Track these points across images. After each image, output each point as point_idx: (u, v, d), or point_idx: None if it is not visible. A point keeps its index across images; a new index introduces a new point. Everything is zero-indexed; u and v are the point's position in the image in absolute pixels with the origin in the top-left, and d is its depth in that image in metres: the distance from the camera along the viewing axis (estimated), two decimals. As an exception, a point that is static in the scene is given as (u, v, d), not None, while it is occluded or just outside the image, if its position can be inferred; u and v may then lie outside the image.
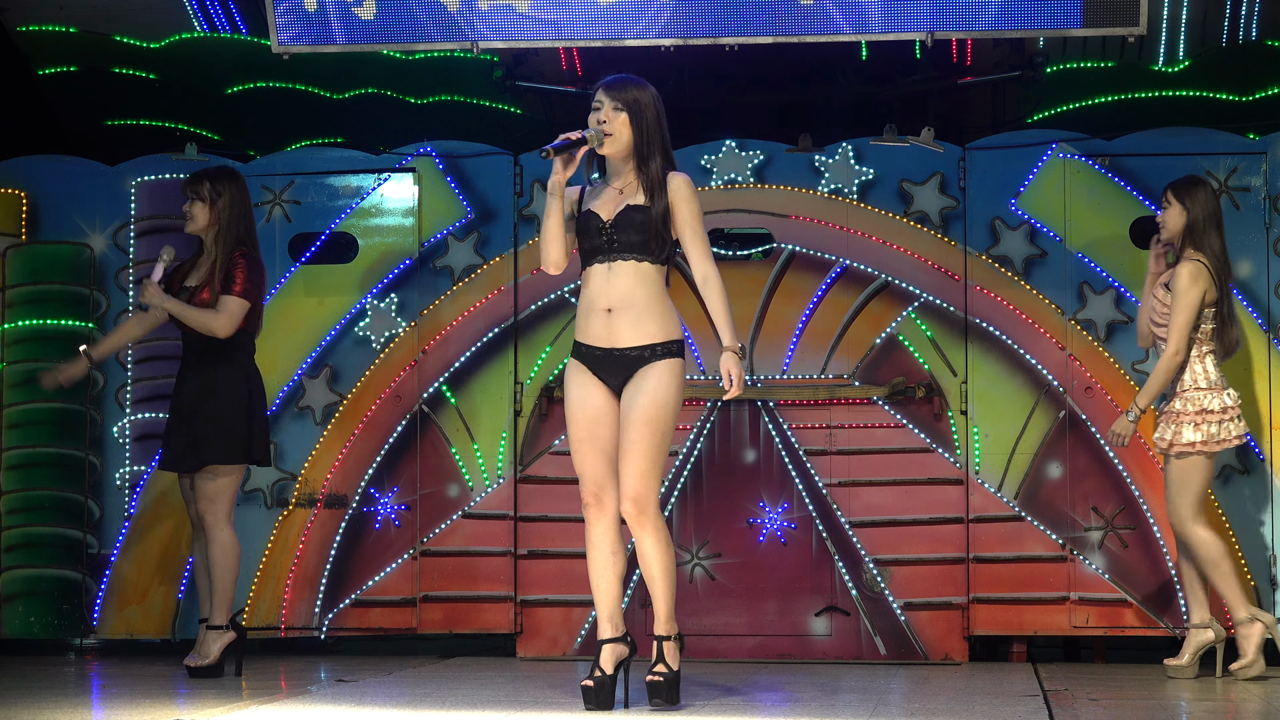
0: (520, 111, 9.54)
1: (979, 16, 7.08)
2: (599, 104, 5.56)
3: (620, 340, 5.52)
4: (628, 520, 5.53)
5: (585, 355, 5.58)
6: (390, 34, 7.38)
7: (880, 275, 7.65)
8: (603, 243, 5.53)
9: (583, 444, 5.57)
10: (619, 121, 5.53)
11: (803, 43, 7.25)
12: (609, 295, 5.53)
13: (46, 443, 7.91)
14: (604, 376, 5.56)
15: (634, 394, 5.50)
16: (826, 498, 7.61)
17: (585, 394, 5.56)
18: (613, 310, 5.52)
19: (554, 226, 5.57)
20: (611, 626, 5.56)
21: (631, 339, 5.51)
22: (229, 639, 6.77)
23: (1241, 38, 9.09)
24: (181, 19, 9.24)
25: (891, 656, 7.53)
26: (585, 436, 5.56)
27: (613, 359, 5.53)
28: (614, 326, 5.52)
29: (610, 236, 5.52)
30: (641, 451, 5.47)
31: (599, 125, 5.52)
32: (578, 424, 5.57)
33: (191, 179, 6.95)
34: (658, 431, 5.48)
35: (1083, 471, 7.43)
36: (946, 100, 8.96)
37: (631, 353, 5.52)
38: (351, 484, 7.80)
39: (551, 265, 5.62)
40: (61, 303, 7.95)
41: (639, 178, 5.57)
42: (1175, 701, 6.03)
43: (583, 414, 5.56)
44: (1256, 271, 7.49)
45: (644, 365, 5.52)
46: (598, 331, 5.54)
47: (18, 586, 7.90)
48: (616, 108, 5.53)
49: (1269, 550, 7.39)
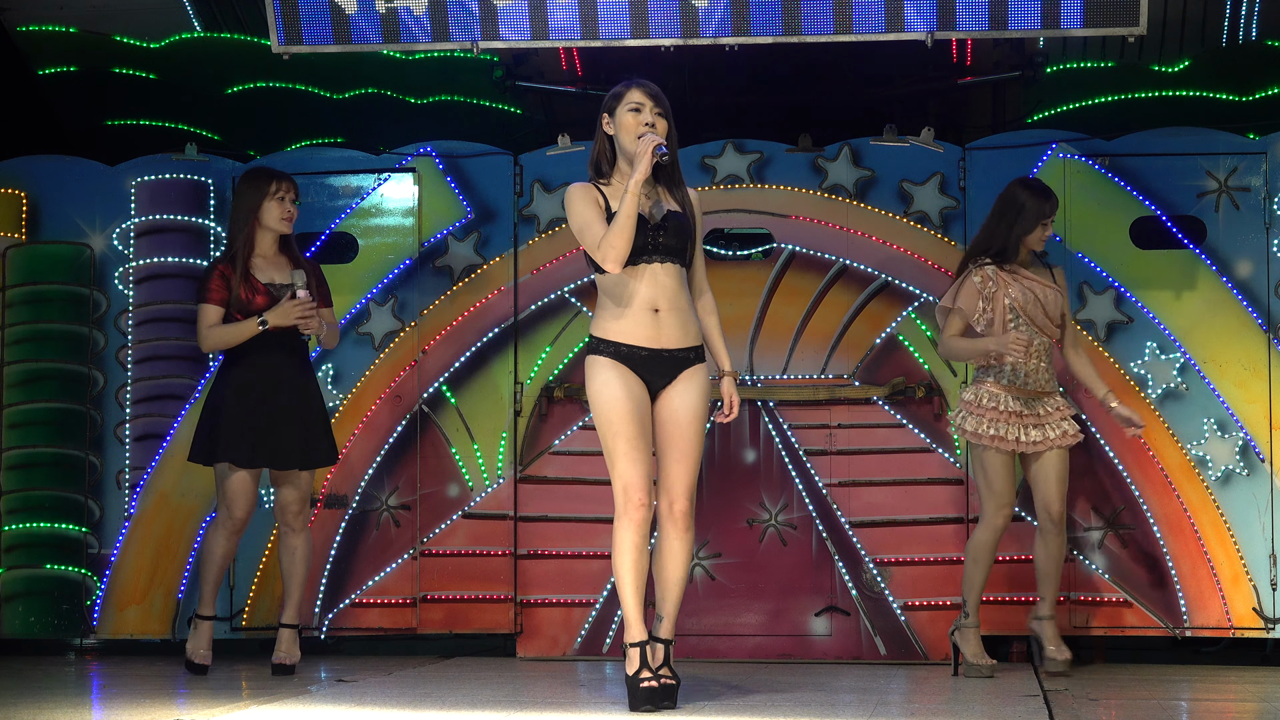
0: (520, 111, 9.54)
1: (979, 16, 7.08)
2: (639, 105, 5.53)
3: (669, 341, 5.51)
4: (675, 521, 5.51)
5: (629, 355, 5.51)
6: (390, 34, 7.38)
7: (880, 275, 7.65)
8: (647, 243, 5.49)
9: (632, 446, 5.46)
10: (661, 128, 5.54)
11: (803, 43, 7.25)
12: (656, 296, 5.51)
13: (46, 443, 7.90)
14: (647, 377, 5.52)
15: (684, 395, 5.51)
16: (826, 498, 7.61)
17: (631, 392, 5.48)
18: (661, 311, 5.50)
19: (633, 226, 5.43)
20: (643, 627, 5.53)
21: (680, 340, 5.53)
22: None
23: (1241, 38, 9.09)
24: (181, 19, 9.24)
25: (891, 656, 7.53)
26: (635, 437, 5.46)
27: (661, 360, 5.51)
28: (663, 327, 5.51)
29: (656, 237, 5.50)
30: (696, 452, 5.54)
31: (647, 128, 5.49)
32: (627, 425, 5.47)
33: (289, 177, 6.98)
34: (703, 434, 5.58)
35: (1083, 471, 7.42)
36: (946, 100, 8.96)
37: (680, 354, 5.54)
38: (351, 484, 7.80)
39: (616, 262, 5.46)
40: (61, 303, 7.94)
41: (666, 184, 5.60)
42: (1175, 701, 6.03)
43: (636, 412, 5.48)
44: (1256, 271, 7.48)
45: (689, 367, 5.54)
46: (645, 332, 5.50)
47: (18, 586, 7.90)
48: (659, 113, 5.55)
49: (1269, 550, 7.39)
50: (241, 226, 6.86)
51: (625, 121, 5.55)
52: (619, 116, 5.57)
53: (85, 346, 7.93)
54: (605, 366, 5.52)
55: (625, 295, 5.53)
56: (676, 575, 5.53)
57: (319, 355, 7.82)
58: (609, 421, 5.48)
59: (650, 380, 5.53)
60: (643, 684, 5.46)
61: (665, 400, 5.54)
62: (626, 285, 5.52)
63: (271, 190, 6.87)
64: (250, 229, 6.86)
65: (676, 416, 5.51)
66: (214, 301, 6.81)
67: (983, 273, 6.78)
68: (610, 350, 5.52)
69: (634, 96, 5.55)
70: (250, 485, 6.85)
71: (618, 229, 5.42)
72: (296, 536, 6.94)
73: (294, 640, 6.94)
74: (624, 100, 5.57)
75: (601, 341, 5.54)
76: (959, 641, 6.86)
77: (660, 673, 5.47)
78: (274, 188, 6.87)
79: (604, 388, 5.50)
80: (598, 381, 5.52)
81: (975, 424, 6.73)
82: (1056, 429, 6.75)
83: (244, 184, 6.93)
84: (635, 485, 5.46)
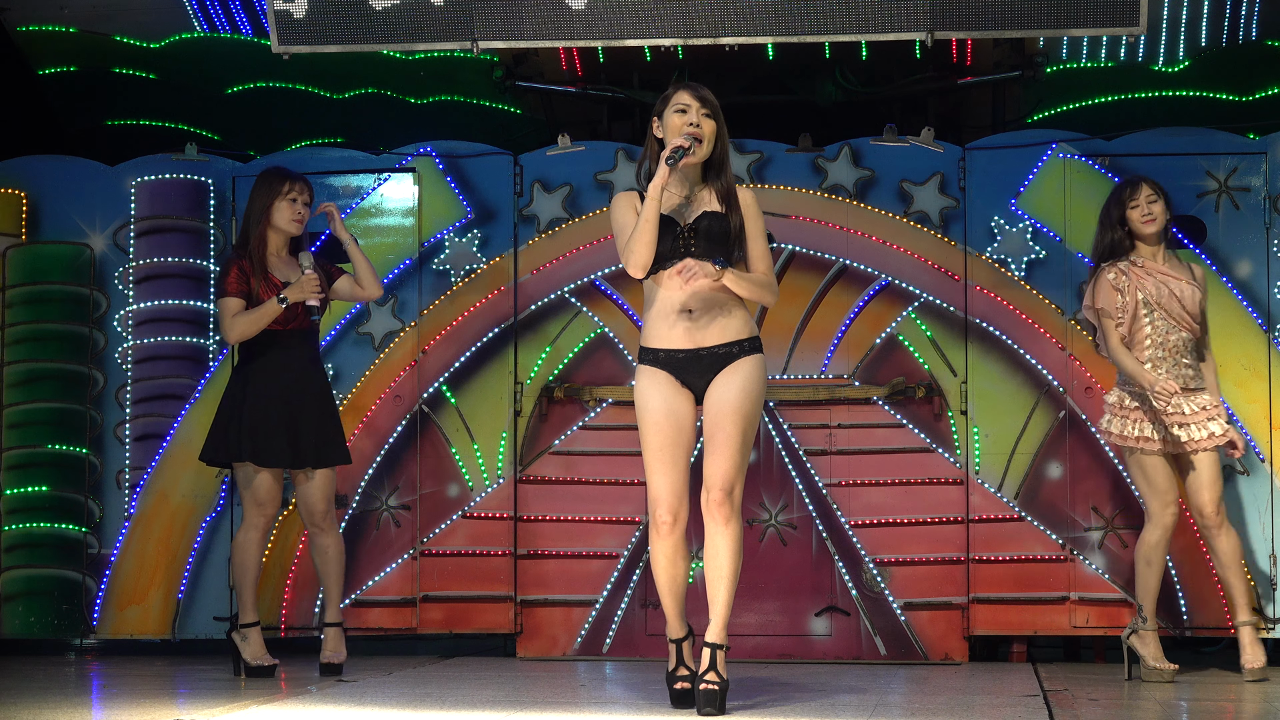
0: (520, 111, 9.54)
1: (979, 16, 7.08)
2: (685, 107, 5.44)
3: (708, 341, 5.44)
4: (712, 513, 5.38)
5: (667, 360, 5.46)
6: (390, 34, 7.38)
7: (880, 275, 7.65)
8: (679, 248, 5.43)
9: (664, 458, 5.42)
10: (708, 128, 5.46)
11: (803, 43, 7.25)
12: (688, 299, 5.43)
13: (46, 443, 7.91)
14: (688, 380, 5.46)
15: (724, 388, 5.41)
16: (826, 498, 7.61)
17: (670, 403, 5.44)
18: (695, 312, 5.43)
19: (653, 230, 5.38)
20: (682, 624, 5.50)
21: (718, 338, 5.45)
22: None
23: (1241, 38, 9.09)
24: (181, 19, 9.23)
25: (891, 656, 7.53)
26: (669, 450, 5.42)
27: (699, 359, 5.45)
28: (698, 328, 5.44)
29: (688, 241, 5.43)
30: (735, 444, 5.38)
31: (691, 128, 5.41)
32: (662, 434, 5.42)
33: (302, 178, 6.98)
34: (750, 425, 5.42)
35: (1083, 471, 7.43)
36: (946, 100, 8.96)
37: (720, 350, 5.45)
38: (351, 484, 7.80)
39: (641, 269, 5.42)
40: (61, 303, 7.94)
41: (712, 185, 5.52)
42: (1175, 701, 6.03)
43: (669, 424, 5.42)
44: (1256, 271, 7.49)
45: (732, 361, 5.45)
46: (681, 335, 5.45)
47: (18, 586, 7.90)
48: (706, 114, 5.46)
49: (1269, 550, 7.39)
50: (255, 225, 6.86)
51: (671, 123, 5.46)
52: (666, 118, 5.49)
53: (85, 346, 7.93)
54: (645, 375, 5.49)
55: (660, 300, 5.48)
56: (717, 572, 5.39)
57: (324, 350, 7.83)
58: (641, 431, 5.46)
59: (693, 382, 5.46)
60: (675, 685, 5.46)
61: (707, 396, 5.46)
62: (660, 290, 5.48)
63: (284, 190, 6.87)
64: (262, 228, 6.86)
65: (711, 410, 5.42)
66: (234, 294, 6.78)
67: (1115, 268, 6.81)
68: (650, 357, 5.49)
69: (681, 98, 5.47)
70: (276, 483, 6.86)
71: (635, 235, 5.39)
72: (326, 536, 6.93)
73: (340, 639, 6.92)
74: (671, 102, 5.48)
75: (644, 349, 5.52)
76: (1137, 645, 6.79)
77: (705, 677, 5.35)
78: (286, 188, 6.88)
79: (640, 397, 5.48)
80: (637, 390, 5.50)
81: (1120, 426, 6.77)
82: (1203, 430, 6.71)
83: (259, 182, 6.93)
84: (659, 500, 5.41)
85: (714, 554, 5.39)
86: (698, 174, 5.53)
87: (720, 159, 5.52)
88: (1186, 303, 6.78)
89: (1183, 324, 6.77)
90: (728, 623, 5.42)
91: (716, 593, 5.40)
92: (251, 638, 6.85)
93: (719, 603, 5.40)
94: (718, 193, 5.51)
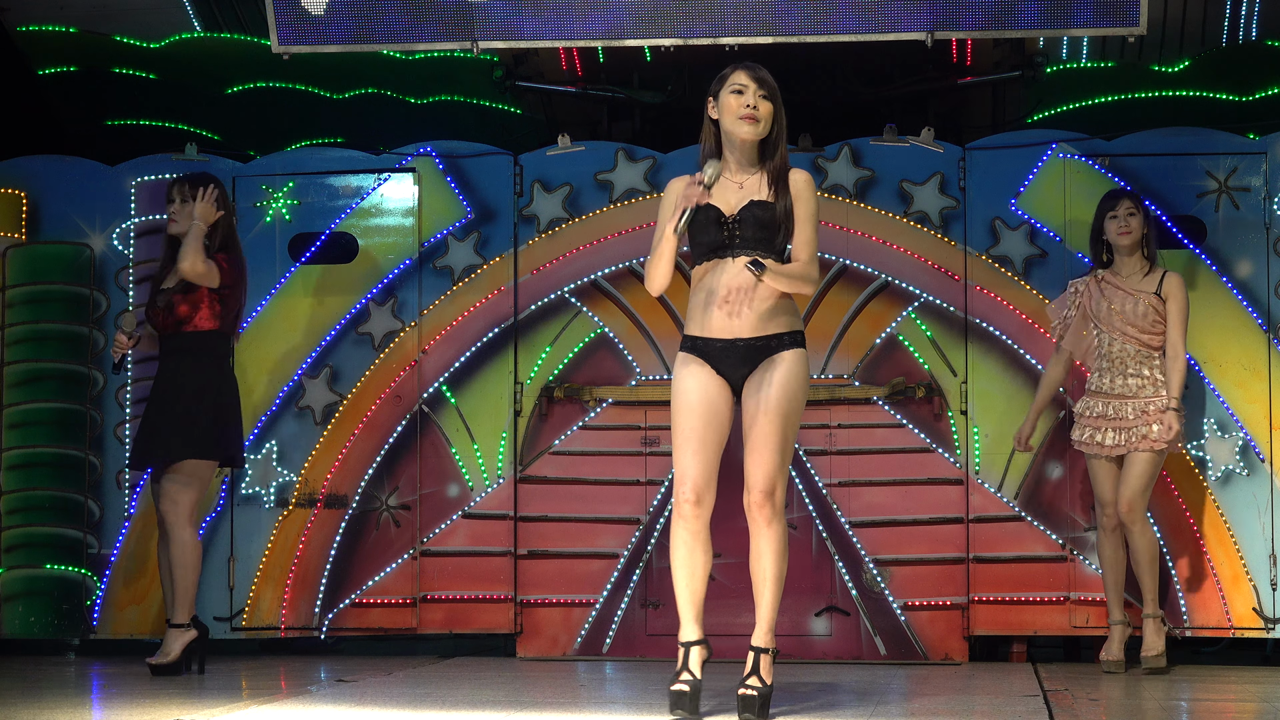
0: (520, 111, 9.54)
1: (979, 16, 7.08)
2: (742, 87, 5.30)
3: (745, 331, 5.28)
4: (754, 515, 5.29)
5: (705, 348, 5.32)
6: (390, 34, 7.38)
7: (880, 275, 7.65)
8: (724, 238, 5.31)
9: (693, 438, 5.27)
10: (764, 110, 5.32)
11: (803, 43, 7.25)
12: (730, 289, 5.29)
13: (46, 443, 7.91)
14: (725, 370, 5.32)
15: (763, 385, 5.27)
16: (826, 498, 7.61)
17: (705, 389, 5.30)
18: (734, 302, 5.28)
19: (670, 259, 5.31)
20: (698, 628, 5.35)
21: (757, 329, 5.28)
22: (190, 637, 6.87)
23: (1241, 38, 9.10)
24: (181, 19, 9.24)
25: (891, 656, 7.53)
26: (699, 430, 5.27)
27: (736, 350, 5.30)
28: (738, 318, 5.28)
29: (733, 232, 5.31)
30: (775, 444, 5.26)
31: (749, 109, 5.28)
32: (694, 416, 5.27)
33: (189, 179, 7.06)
34: (790, 424, 5.29)
35: (1083, 472, 7.42)
36: (946, 100, 8.96)
37: (757, 343, 5.30)
38: (351, 484, 7.80)
39: (659, 290, 5.37)
40: (61, 303, 7.95)
41: (763, 170, 5.38)
42: (1175, 701, 6.03)
43: (699, 406, 5.28)
44: (1256, 271, 7.48)
45: (770, 355, 5.31)
46: (719, 324, 5.29)
47: (18, 586, 7.90)
48: (763, 95, 5.32)
49: (1269, 550, 7.38)
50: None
51: (728, 103, 5.32)
52: (722, 99, 5.35)
53: (85, 346, 7.93)
54: (683, 361, 5.36)
55: (704, 290, 5.35)
56: (761, 575, 5.30)
57: (319, 354, 7.83)
58: (674, 414, 5.33)
59: (729, 373, 5.32)
60: (673, 686, 5.29)
61: (745, 392, 5.33)
62: (705, 280, 5.36)
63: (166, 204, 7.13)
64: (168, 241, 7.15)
65: (750, 408, 5.30)
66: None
67: (1075, 284, 7.21)
68: (689, 345, 5.36)
69: (738, 79, 5.32)
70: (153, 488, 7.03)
71: (654, 259, 5.34)
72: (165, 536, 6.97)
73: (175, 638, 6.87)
74: (728, 82, 5.33)
75: (685, 338, 5.40)
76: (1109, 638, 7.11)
77: (747, 681, 5.26)
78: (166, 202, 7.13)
79: (676, 383, 5.35)
80: (674, 378, 5.38)
81: (1077, 433, 7.13)
82: (1137, 432, 6.99)
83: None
84: (685, 480, 5.28)
85: (757, 556, 5.32)
86: (754, 154, 5.39)
87: (776, 140, 5.37)
88: (1130, 316, 7.02)
89: (1126, 337, 7.04)
90: (773, 627, 5.32)
91: (761, 595, 5.31)
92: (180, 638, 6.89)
93: (764, 605, 5.31)
94: (769, 175, 5.37)
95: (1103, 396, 7.04)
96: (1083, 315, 7.13)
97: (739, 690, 5.27)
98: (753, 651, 5.30)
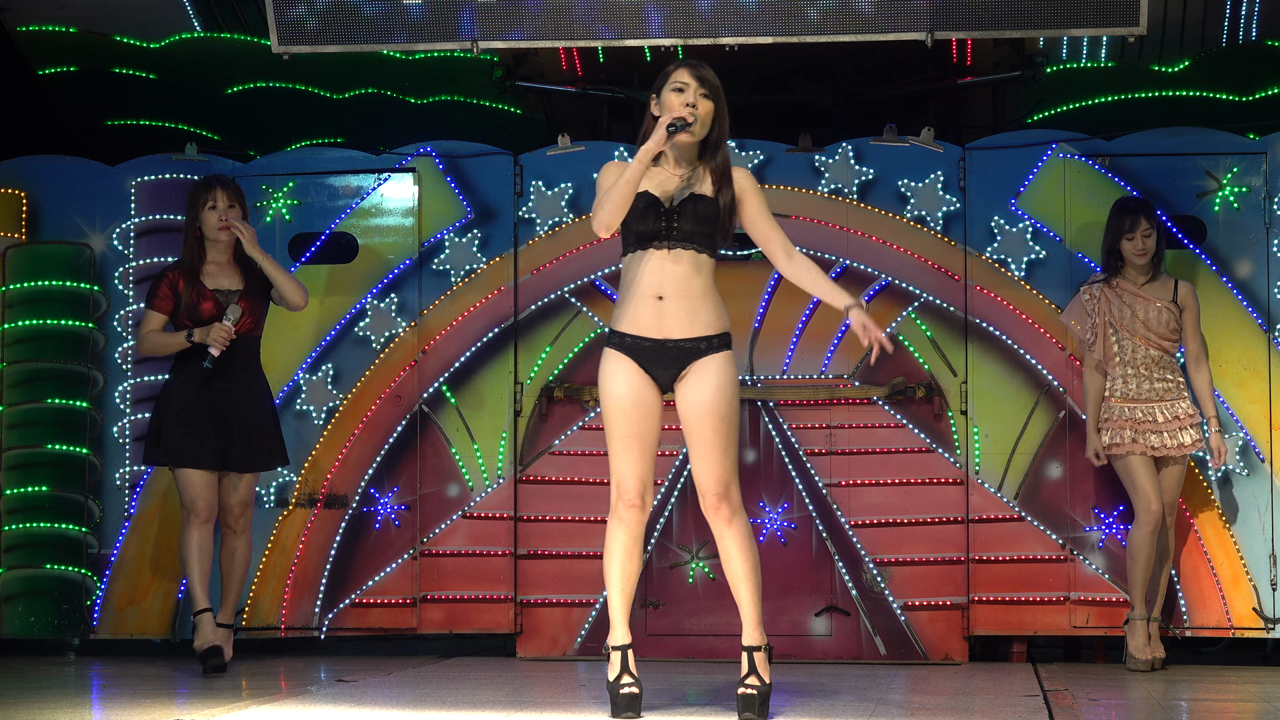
0: (520, 111, 9.54)
1: (979, 16, 7.08)
2: (683, 85, 5.25)
3: (674, 331, 5.25)
4: (713, 517, 5.27)
5: (632, 347, 5.27)
6: (390, 34, 7.38)
7: (880, 275, 7.65)
8: (661, 228, 5.26)
9: (631, 442, 5.25)
10: (705, 108, 5.27)
11: (803, 43, 7.25)
12: (662, 283, 5.25)
13: (46, 443, 7.90)
14: (653, 370, 5.28)
15: (700, 389, 5.24)
16: (826, 498, 7.61)
17: (635, 389, 5.26)
18: (665, 299, 5.24)
19: (630, 193, 5.20)
20: (627, 631, 5.39)
21: (686, 330, 5.25)
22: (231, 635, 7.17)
23: (1241, 38, 9.10)
24: (181, 19, 9.25)
25: (891, 656, 7.53)
26: (635, 434, 5.25)
27: (665, 351, 5.26)
28: (666, 316, 5.25)
29: (670, 222, 5.26)
30: (722, 446, 5.23)
31: (689, 108, 5.23)
32: (627, 420, 5.25)
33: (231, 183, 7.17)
34: (732, 425, 5.27)
35: (1083, 471, 7.43)
36: (946, 100, 8.96)
37: (686, 344, 5.26)
38: (351, 484, 7.80)
39: (605, 229, 5.24)
40: (61, 303, 7.94)
41: (705, 167, 5.33)
42: (1175, 701, 6.03)
43: (634, 410, 5.25)
44: (1256, 271, 7.49)
45: (700, 358, 5.27)
46: (648, 321, 5.26)
47: (18, 586, 7.89)
48: (704, 94, 5.28)
49: (1269, 550, 7.39)
50: (188, 237, 7.14)
51: (668, 100, 5.28)
52: (664, 96, 5.31)
53: (85, 346, 7.93)
54: (610, 359, 5.32)
55: (631, 281, 5.30)
56: (735, 574, 5.29)
57: (319, 354, 7.84)
58: (606, 417, 5.30)
59: (658, 373, 5.28)
60: (623, 689, 5.30)
61: (679, 395, 5.30)
62: (632, 271, 5.31)
63: (203, 202, 7.12)
64: (193, 240, 7.12)
65: (686, 412, 5.27)
66: (158, 309, 7.13)
67: (1090, 290, 7.20)
68: (616, 341, 5.31)
69: (680, 76, 5.28)
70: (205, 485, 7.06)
71: (612, 193, 5.21)
72: (239, 539, 7.19)
73: (228, 640, 7.10)
74: (670, 79, 5.30)
75: (611, 332, 5.35)
76: (1126, 634, 7.16)
77: (746, 681, 5.26)
78: (205, 199, 7.12)
79: (604, 381, 5.32)
80: (602, 374, 5.33)
81: (1109, 437, 7.14)
82: (1174, 439, 7.09)
83: (188, 196, 7.21)
84: (623, 483, 5.28)
85: (727, 557, 5.31)
86: (693, 154, 5.36)
87: (717, 141, 5.34)
88: (1153, 324, 7.10)
89: (1149, 343, 7.11)
90: (761, 621, 5.33)
91: (740, 594, 5.31)
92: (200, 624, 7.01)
93: (746, 603, 5.30)
94: (711, 174, 5.34)
95: (1129, 401, 7.11)
96: (1103, 322, 7.18)
97: (738, 690, 5.27)
98: (746, 651, 5.30)
